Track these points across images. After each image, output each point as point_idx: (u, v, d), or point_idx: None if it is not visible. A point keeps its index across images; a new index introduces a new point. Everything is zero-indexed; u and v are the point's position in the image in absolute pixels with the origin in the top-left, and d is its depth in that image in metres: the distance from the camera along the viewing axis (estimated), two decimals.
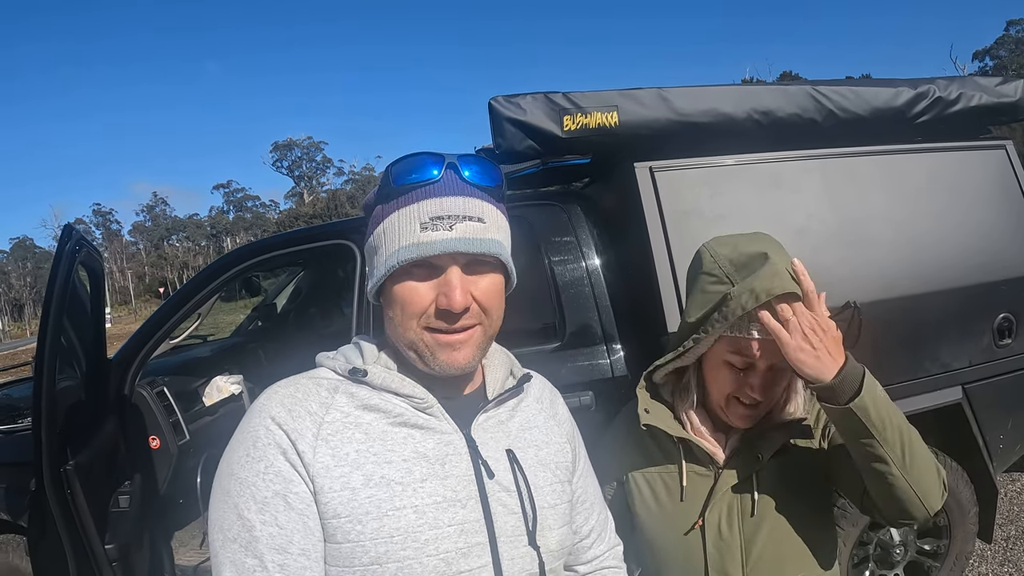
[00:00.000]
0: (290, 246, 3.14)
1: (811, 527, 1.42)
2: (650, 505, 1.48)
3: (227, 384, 4.24)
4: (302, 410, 0.99)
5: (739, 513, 1.40)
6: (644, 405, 1.45)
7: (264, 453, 0.95)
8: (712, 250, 1.41)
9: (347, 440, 0.98)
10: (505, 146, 2.53)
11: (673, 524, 1.44)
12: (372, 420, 1.01)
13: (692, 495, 1.43)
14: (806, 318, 1.25)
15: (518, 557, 1.05)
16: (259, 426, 0.97)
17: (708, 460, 1.43)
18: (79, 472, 2.43)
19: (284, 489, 0.94)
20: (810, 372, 1.24)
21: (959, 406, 2.87)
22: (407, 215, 1.00)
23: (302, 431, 0.97)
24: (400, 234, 0.99)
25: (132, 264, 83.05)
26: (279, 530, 0.93)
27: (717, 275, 1.36)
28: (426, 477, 1.00)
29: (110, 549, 2.54)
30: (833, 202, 2.76)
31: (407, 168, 1.02)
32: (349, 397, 1.02)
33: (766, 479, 1.40)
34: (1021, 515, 4.05)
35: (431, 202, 0.99)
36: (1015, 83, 3.09)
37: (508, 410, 1.15)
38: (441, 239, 0.98)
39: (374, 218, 1.06)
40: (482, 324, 1.04)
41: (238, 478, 0.95)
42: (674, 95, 2.57)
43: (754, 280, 1.29)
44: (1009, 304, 2.91)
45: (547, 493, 1.13)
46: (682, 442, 1.43)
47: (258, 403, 1.01)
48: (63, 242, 2.57)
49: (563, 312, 2.71)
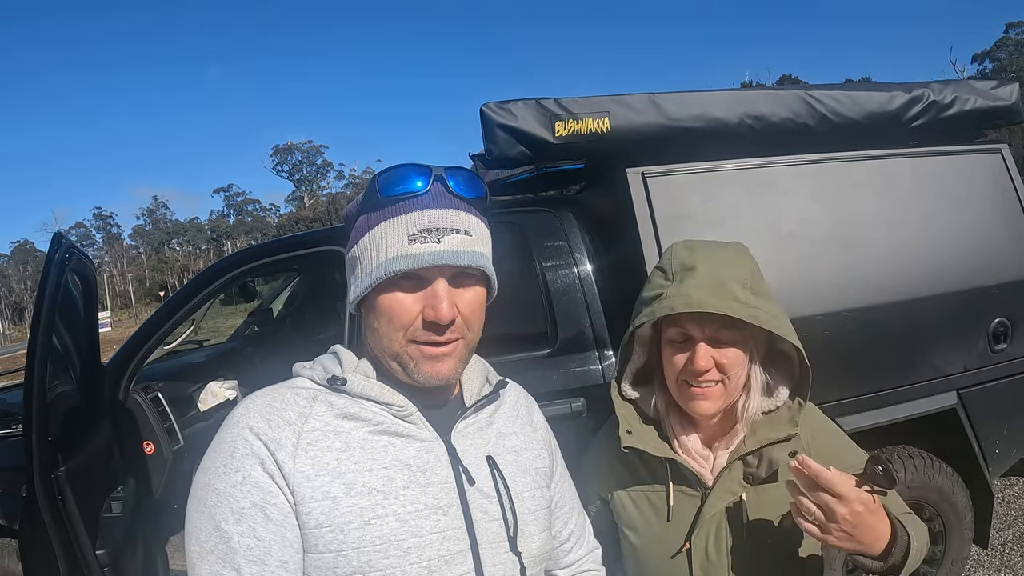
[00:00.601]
0: (285, 252, 3.13)
1: (799, 552, 1.39)
2: (636, 525, 1.44)
3: (222, 389, 4.23)
4: (280, 420, 0.98)
5: (727, 536, 1.35)
6: (626, 426, 1.40)
7: (241, 464, 0.94)
8: (674, 248, 1.39)
9: (327, 449, 0.97)
10: (497, 152, 2.52)
11: (659, 546, 1.39)
12: (352, 429, 1.00)
13: (679, 516, 1.38)
14: (804, 506, 1.18)
15: (500, 563, 1.05)
16: (236, 436, 0.96)
17: (696, 481, 1.38)
18: (70, 478, 2.43)
19: (262, 500, 0.93)
20: (852, 549, 1.18)
21: (954, 411, 2.87)
22: (394, 227, 0.99)
23: (281, 441, 0.96)
24: (387, 245, 0.99)
25: (133, 268, 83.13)
26: (257, 542, 0.92)
27: (666, 271, 1.35)
28: (407, 485, 0.99)
29: (101, 554, 2.54)
30: (827, 206, 2.76)
31: (394, 179, 1.01)
32: (328, 406, 1.02)
33: (755, 502, 1.35)
34: (1018, 520, 4.04)
35: (419, 214, 0.99)
36: (1010, 86, 3.08)
37: (486, 417, 1.15)
38: (429, 251, 0.98)
39: (358, 228, 1.05)
40: (464, 338, 1.04)
41: (215, 489, 0.94)
42: (665, 100, 2.57)
43: (692, 288, 1.28)
44: (1004, 309, 2.91)
45: (527, 499, 1.13)
46: (669, 462, 1.39)
47: (235, 413, 1.00)
48: (52, 250, 2.57)
49: (555, 318, 2.70)
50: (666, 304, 1.28)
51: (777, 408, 1.39)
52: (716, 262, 1.31)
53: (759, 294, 1.30)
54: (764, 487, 1.36)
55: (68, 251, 2.63)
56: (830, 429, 1.46)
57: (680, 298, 1.27)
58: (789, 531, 1.36)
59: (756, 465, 1.35)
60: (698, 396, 1.31)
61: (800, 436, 1.37)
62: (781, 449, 1.34)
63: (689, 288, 1.27)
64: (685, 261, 1.32)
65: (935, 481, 2.92)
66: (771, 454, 1.34)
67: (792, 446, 1.34)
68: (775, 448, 1.34)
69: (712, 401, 1.31)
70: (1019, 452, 3.16)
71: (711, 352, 1.29)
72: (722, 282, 1.28)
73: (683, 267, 1.32)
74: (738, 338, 1.30)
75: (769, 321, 1.27)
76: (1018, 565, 3.56)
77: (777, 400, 1.39)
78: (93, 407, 2.88)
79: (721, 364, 1.29)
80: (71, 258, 2.64)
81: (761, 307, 1.28)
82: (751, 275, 1.31)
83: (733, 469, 1.36)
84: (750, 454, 1.35)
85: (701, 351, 1.28)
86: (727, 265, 1.31)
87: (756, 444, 1.35)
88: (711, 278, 1.28)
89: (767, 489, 1.36)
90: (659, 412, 1.44)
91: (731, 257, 1.34)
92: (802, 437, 1.39)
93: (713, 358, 1.29)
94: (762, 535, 1.35)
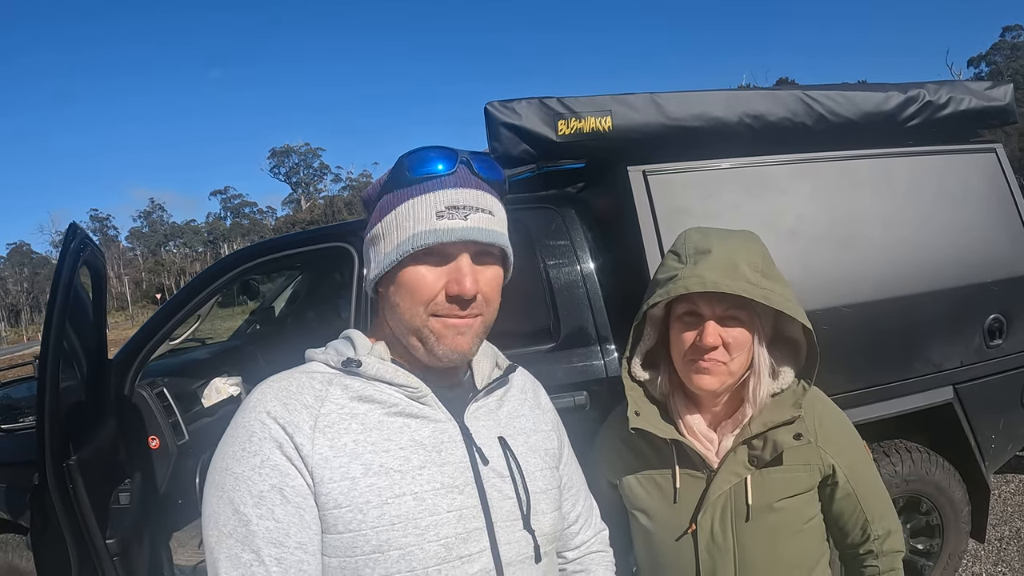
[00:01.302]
0: (289, 249, 3.15)
1: (802, 532, 1.43)
2: (645, 507, 1.47)
3: (226, 386, 4.26)
4: (297, 403, 1.00)
5: (732, 517, 1.39)
6: (635, 407, 1.44)
7: (260, 447, 0.96)
8: (687, 233, 1.44)
9: (344, 431, 1.00)
10: (501, 150, 2.56)
11: (666, 527, 1.44)
12: (368, 410, 1.03)
13: (685, 498, 1.42)
14: None
15: (514, 541, 1.07)
16: (254, 421, 0.98)
17: (701, 463, 1.41)
18: (81, 467, 2.46)
19: (280, 483, 0.94)
20: None
21: (950, 406, 2.91)
22: (423, 203, 1.02)
23: (299, 424, 0.98)
24: (415, 221, 1.02)
25: (129, 270, 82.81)
26: (276, 524, 0.93)
27: (680, 254, 1.40)
28: (424, 464, 1.02)
29: (111, 544, 2.57)
30: (824, 205, 2.80)
31: (423, 159, 1.05)
32: (343, 389, 1.04)
33: (759, 484, 1.39)
34: (1014, 516, 4.08)
35: (446, 192, 1.03)
36: (1004, 87, 3.13)
37: (496, 399, 1.18)
38: (458, 227, 1.01)
39: (381, 207, 1.08)
40: (483, 314, 1.07)
41: (233, 473, 0.95)
42: (666, 100, 2.61)
43: (705, 269, 1.33)
44: (999, 305, 2.95)
45: (539, 478, 1.15)
46: (675, 444, 1.43)
47: (251, 398, 1.02)
48: (68, 240, 2.58)
49: (558, 314, 2.74)
50: (681, 284, 1.33)
51: (782, 391, 1.43)
52: (729, 246, 1.36)
53: (770, 277, 1.35)
54: (768, 470, 1.39)
55: (83, 242, 2.65)
56: (836, 414, 1.51)
57: (695, 279, 1.32)
58: (793, 513, 1.40)
59: (761, 448, 1.38)
60: (703, 371, 1.35)
61: (806, 420, 1.40)
62: (786, 432, 1.37)
63: (703, 269, 1.33)
64: (699, 245, 1.37)
65: (932, 475, 2.96)
66: (775, 437, 1.37)
67: (796, 428, 1.37)
68: (780, 431, 1.38)
69: (716, 377, 1.35)
70: (1015, 446, 3.20)
71: (719, 330, 1.33)
72: (735, 264, 1.33)
73: (697, 250, 1.37)
74: (746, 319, 1.35)
75: (781, 302, 1.33)
76: (1014, 560, 3.60)
77: (782, 383, 1.43)
78: (100, 401, 2.90)
79: (727, 343, 1.34)
80: (85, 249, 2.66)
81: (773, 289, 1.33)
82: (762, 259, 1.37)
83: (738, 452, 1.39)
84: (755, 437, 1.38)
85: (710, 328, 1.33)
86: (740, 249, 1.36)
87: (761, 427, 1.38)
88: (724, 260, 1.33)
89: (771, 472, 1.40)
90: (664, 393, 1.48)
91: (743, 242, 1.39)
92: (808, 421, 1.42)
93: (720, 336, 1.33)
94: (766, 517, 1.38)
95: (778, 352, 1.45)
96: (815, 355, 1.42)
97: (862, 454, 1.50)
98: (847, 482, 1.43)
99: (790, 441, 1.37)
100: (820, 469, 1.42)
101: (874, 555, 1.47)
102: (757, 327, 1.38)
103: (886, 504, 1.49)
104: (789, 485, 1.40)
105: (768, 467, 1.40)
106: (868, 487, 1.46)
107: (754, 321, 1.37)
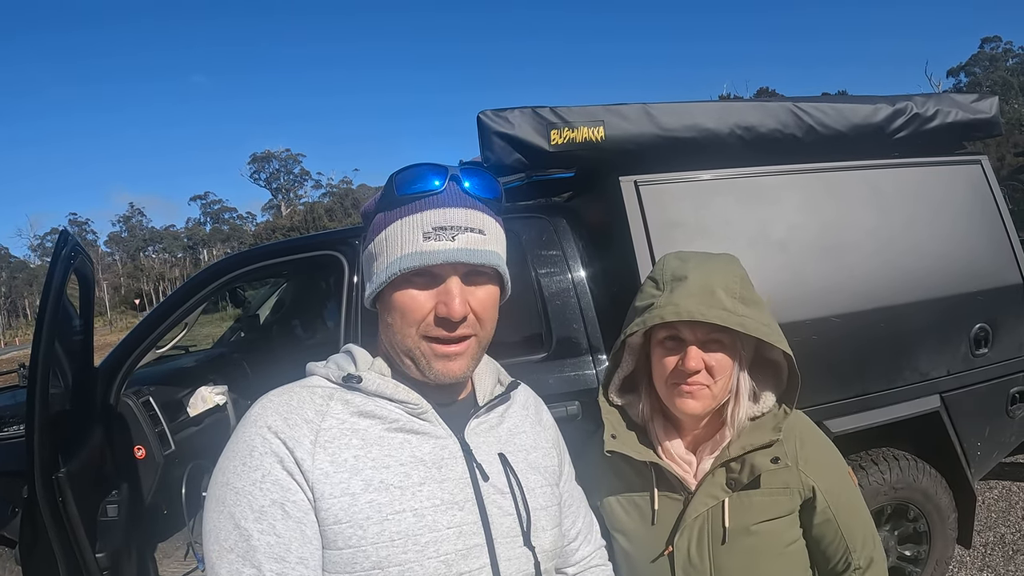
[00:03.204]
0: (278, 256, 3.13)
1: (783, 556, 1.42)
2: (624, 528, 1.47)
3: (212, 394, 4.22)
4: (298, 418, 0.99)
5: (709, 539, 1.39)
6: (611, 430, 1.45)
7: (261, 462, 0.95)
8: (666, 259, 1.44)
9: (345, 446, 0.99)
10: (493, 159, 2.56)
11: (644, 549, 1.44)
12: (368, 426, 1.02)
13: (663, 520, 1.42)
14: None
15: (514, 558, 1.07)
16: (255, 435, 0.97)
17: (680, 485, 1.42)
18: (70, 479, 2.42)
19: (282, 497, 0.94)
20: None
21: (937, 414, 2.93)
22: (410, 224, 1.02)
23: (299, 439, 0.97)
24: (402, 242, 1.01)
25: (108, 275, 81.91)
26: (277, 539, 0.93)
27: (657, 281, 1.41)
28: (424, 481, 1.01)
29: (101, 557, 2.53)
30: (814, 215, 2.82)
31: (410, 178, 1.04)
32: (344, 404, 1.03)
33: (737, 506, 1.39)
34: (998, 522, 4.12)
35: (434, 212, 1.02)
36: (990, 100, 3.17)
37: (498, 416, 1.18)
38: (443, 249, 1.00)
39: (375, 225, 1.07)
40: (477, 335, 1.07)
41: (234, 488, 0.94)
42: (659, 111, 2.62)
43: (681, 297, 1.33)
44: (985, 314, 2.99)
45: (539, 495, 1.15)
46: (653, 466, 1.43)
47: (252, 413, 1.01)
48: (59, 247, 2.55)
49: (550, 323, 2.74)
50: (656, 313, 1.34)
51: (763, 415, 1.43)
52: (706, 272, 1.36)
53: (748, 303, 1.35)
54: (747, 492, 1.39)
55: (74, 249, 2.62)
56: (817, 437, 1.49)
57: (670, 307, 1.32)
58: (771, 535, 1.40)
59: (739, 471, 1.38)
60: (686, 395, 1.36)
61: (785, 443, 1.40)
62: (763, 456, 1.37)
63: (679, 297, 1.33)
64: (676, 271, 1.38)
65: (919, 483, 2.98)
66: (753, 460, 1.37)
67: (774, 452, 1.37)
68: (757, 455, 1.37)
69: (699, 401, 1.36)
70: (1000, 454, 3.24)
71: (701, 354, 1.34)
72: (712, 291, 1.33)
73: (674, 277, 1.37)
74: (727, 342, 1.35)
75: (759, 329, 1.32)
76: (999, 565, 3.64)
77: (763, 406, 1.43)
78: (87, 410, 2.87)
79: (710, 367, 1.34)
80: (76, 257, 2.62)
81: (750, 315, 1.33)
82: (740, 284, 1.36)
83: (716, 475, 1.40)
84: (733, 460, 1.38)
85: (692, 352, 1.33)
86: (716, 275, 1.36)
87: (740, 450, 1.38)
88: (701, 287, 1.33)
89: (749, 495, 1.39)
90: (644, 417, 1.48)
91: (721, 267, 1.39)
92: (788, 444, 1.41)
93: (703, 360, 1.34)
94: (743, 540, 1.38)
95: (760, 375, 1.45)
96: (796, 378, 1.42)
97: (844, 479, 1.47)
98: (827, 507, 1.40)
99: (767, 465, 1.36)
100: (800, 492, 1.41)
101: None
102: (738, 350, 1.38)
103: (868, 531, 1.46)
104: (767, 508, 1.39)
105: (746, 490, 1.39)
106: (849, 513, 1.43)
107: (735, 344, 1.37)
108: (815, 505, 1.40)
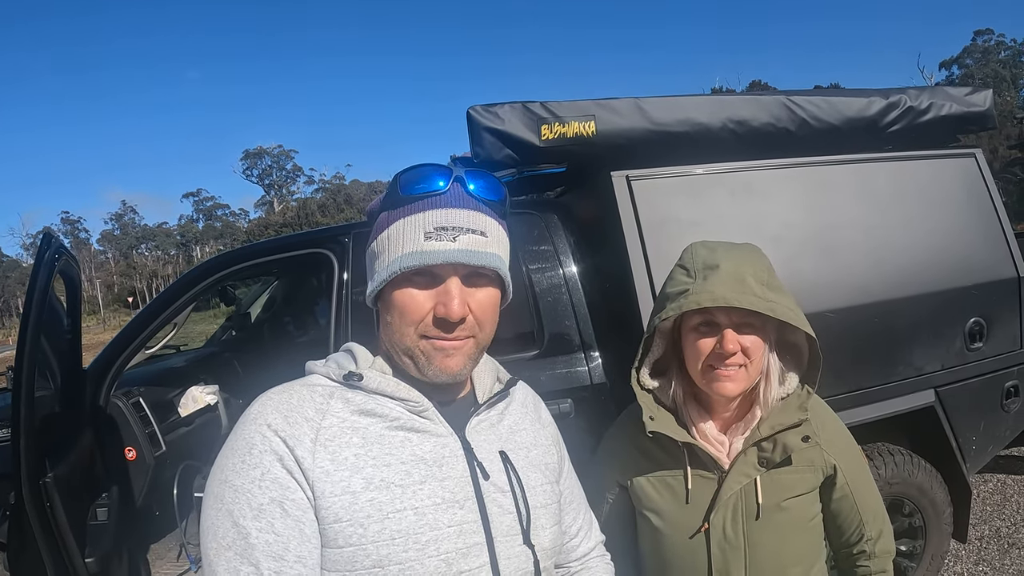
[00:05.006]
0: (269, 254, 3.10)
1: (806, 530, 1.50)
2: (657, 508, 1.52)
3: (203, 394, 4.19)
4: (298, 416, 0.99)
5: (743, 516, 1.45)
6: (649, 412, 1.49)
7: (260, 460, 0.95)
8: (694, 248, 1.49)
9: (345, 445, 0.99)
10: (483, 155, 2.54)
11: (678, 527, 1.49)
12: (369, 424, 1.02)
13: (697, 498, 1.47)
14: None
15: (514, 556, 1.07)
16: (255, 433, 0.97)
17: (713, 465, 1.47)
18: (58, 484, 2.40)
19: (281, 496, 0.94)
20: None
21: (932, 409, 2.93)
22: (412, 223, 1.02)
23: (299, 437, 0.97)
24: (404, 241, 1.01)
25: (101, 273, 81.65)
26: (275, 537, 0.92)
27: (688, 269, 1.45)
28: (424, 479, 1.01)
29: (90, 563, 2.51)
30: (807, 210, 2.81)
31: (415, 178, 1.04)
32: (344, 402, 1.03)
33: (768, 484, 1.45)
34: (993, 516, 4.12)
35: (436, 212, 1.02)
36: (984, 93, 3.16)
37: (497, 413, 1.18)
38: (444, 249, 1.00)
39: (378, 224, 1.07)
40: (475, 337, 1.06)
41: (232, 485, 0.94)
42: (650, 105, 2.60)
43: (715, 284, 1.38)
44: (979, 308, 2.98)
45: (539, 493, 1.15)
46: (687, 447, 1.48)
47: (252, 410, 1.01)
48: (43, 250, 2.52)
49: (541, 320, 2.72)
50: (693, 299, 1.39)
51: (787, 396, 1.50)
52: (736, 261, 1.42)
53: (774, 289, 1.41)
54: (777, 470, 1.46)
55: (57, 251, 2.58)
56: (834, 418, 1.60)
57: (706, 294, 1.38)
58: (798, 510, 1.48)
59: (771, 450, 1.45)
60: (724, 378, 1.41)
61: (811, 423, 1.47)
62: (794, 435, 1.45)
63: (713, 284, 1.39)
64: (707, 260, 1.43)
65: (915, 477, 2.98)
66: (784, 439, 1.45)
67: (804, 431, 1.45)
68: (788, 434, 1.45)
69: (736, 383, 1.41)
70: (995, 448, 3.23)
71: (737, 337, 1.39)
72: (743, 279, 1.39)
73: (706, 265, 1.43)
74: (758, 326, 1.41)
75: (786, 313, 1.39)
76: (994, 559, 3.64)
77: (788, 388, 1.50)
78: (75, 412, 2.84)
79: (745, 348, 1.40)
80: (60, 258, 2.59)
81: (778, 300, 1.39)
82: (767, 272, 1.43)
83: (748, 454, 1.46)
84: (764, 440, 1.45)
85: (729, 335, 1.39)
86: (746, 263, 1.42)
87: (770, 430, 1.45)
88: (732, 275, 1.39)
89: (779, 472, 1.47)
90: (677, 401, 1.54)
91: (748, 256, 1.45)
92: (812, 424, 1.48)
93: (739, 342, 1.39)
94: (774, 515, 1.46)
95: (783, 358, 1.51)
96: (817, 360, 1.48)
97: (859, 457, 1.59)
98: (846, 483, 1.51)
99: (799, 443, 1.44)
100: (823, 470, 1.50)
101: (867, 555, 1.55)
102: (768, 333, 1.44)
103: (879, 505, 1.57)
104: (795, 485, 1.47)
105: (777, 468, 1.46)
106: (864, 489, 1.54)
107: (765, 327, 1.43)
108: (835, 482, 1.51)
